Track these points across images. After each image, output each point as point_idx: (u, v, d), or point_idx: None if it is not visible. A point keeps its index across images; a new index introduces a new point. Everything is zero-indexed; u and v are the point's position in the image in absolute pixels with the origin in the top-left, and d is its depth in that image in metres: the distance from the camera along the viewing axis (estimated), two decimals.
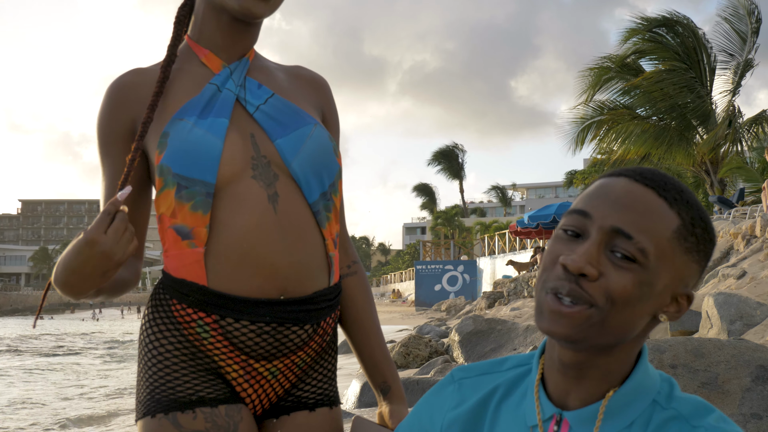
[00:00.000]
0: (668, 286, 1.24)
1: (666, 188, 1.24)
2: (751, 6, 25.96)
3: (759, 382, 4.31)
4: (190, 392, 1.69)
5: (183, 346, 1.72)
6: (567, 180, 69.81)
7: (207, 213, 1.68)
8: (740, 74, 26.59)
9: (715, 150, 26.46)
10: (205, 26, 1.82)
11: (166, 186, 1.68)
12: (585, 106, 28.40)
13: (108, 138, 1.78)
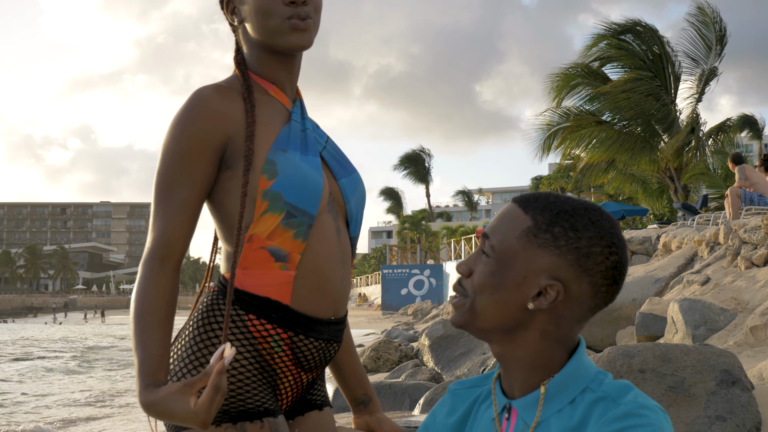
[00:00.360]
0: (525, 276, 1.43)
1: (528, 200, 1.49)
2: (716, 16, 26.37)
3: (723, 386, 4.49)
4: (258, 404, 1.82)
5: (255, 360, 1.85)
6: (533, 185, 70.29)
7: (305, 242, 1.85)
8: (704, 82, 27.01)
9: (680, 157, 26.85)
10: (261, 64, 1.97)
11: (272, 211, 1.82)
12: (552, 113, 28.70)
13: (196, 147, 1.84)
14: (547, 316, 1.44)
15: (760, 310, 7.85)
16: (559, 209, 1.45)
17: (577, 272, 1.43)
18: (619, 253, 1.45)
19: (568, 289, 1.43)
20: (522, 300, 1.44)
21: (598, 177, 30.84)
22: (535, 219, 1.45)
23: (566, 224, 1.44)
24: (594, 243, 1.42)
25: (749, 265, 10.20)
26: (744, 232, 10.77)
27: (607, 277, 1.44)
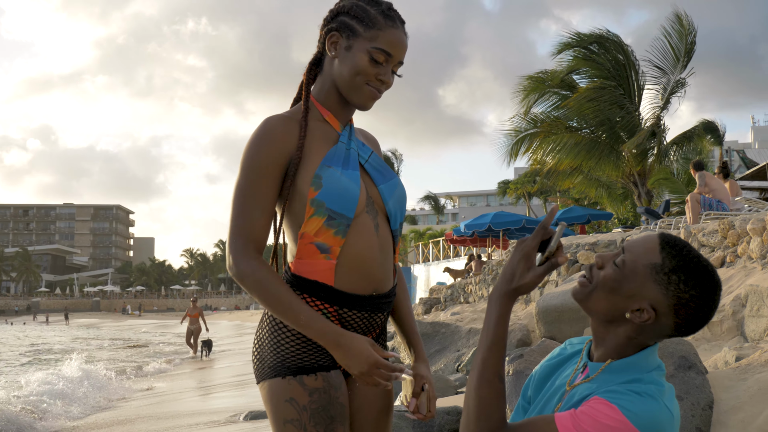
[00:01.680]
0: (634, 295, 1.94)
1: (668, 243, 1.97)
2: (690, 27, 27.01)
3: (680, 369, 5.11)
4: (313, 361, 2.41)
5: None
6: (501, 189, 70.96)
7: (343, 238, 2.42)
8: (670, 92, 27.71)
9: (642, 162, 27.56)
10: (329, 97, 2.53)
11: (317, 215, 2.40)
12: (519, 119, 29.30)
13: (267, 165, 2.41)
14: (635, 327, 1.98)
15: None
16: (684, 262, 1.93)
17: (671, 312, 1.95)
18: (707, 313, 1.97)
19: (658, 318, 1.94)
20: (624, 308, 1.97)
21: (563, 182, 31.54)
22: (663, 260, 1.93)
23: (682, 276, 1.91)
24: (693, 299, 1.93)
25: None
26: (702, 235, 11.42)
27: (688, 323, 1.97)
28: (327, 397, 2.38)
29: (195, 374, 19.40)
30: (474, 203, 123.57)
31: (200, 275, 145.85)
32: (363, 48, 2.43)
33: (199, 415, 10.68)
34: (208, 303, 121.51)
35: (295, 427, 2.35)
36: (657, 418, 1.84)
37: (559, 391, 2.10)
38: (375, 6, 2.46)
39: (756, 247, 9.95)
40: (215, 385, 15.68)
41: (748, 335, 7.70)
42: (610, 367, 1.99)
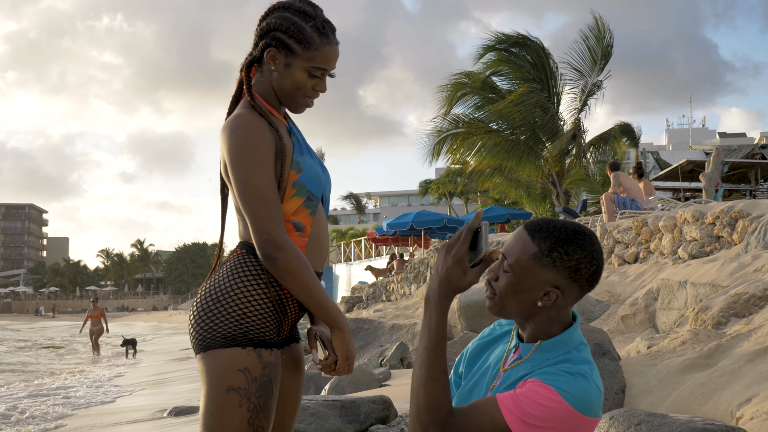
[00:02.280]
0: (534, 286, 2.12)
1: (534, 229, 2.19)
2: (606, 31, 27.71)
3: (596, 356, 5.39)
4: (271, 336, 2.57)
5: (275, 303, 2.59)
6: (422, 189, 71.43)
7: (314, 218, 2.64)
8: (587, 94, 28.39)
9: (561, 162, 28.18)
10: (269, 97, 2.70)
11: (297, 195, 2.59)
12: (441, 119, 29.68)
13: (267, 151, 2.56)
14: (550, 308, 2.20)
15: (629, 301, 8.84)
16: (556, 238, 2.16)
17: (570, 281, 2.17)
18: (597, 264, 2.20)
19: (564, 292, 2.13)
20: (533, 300, 2.15)
21: (484, 182, 32.03)
22: (539, 246, 2.13)
23: (561, 250, 2.12)
24: (580, 261, 2.16)
25: (622, 262, 11.26)
26: (617, 232, 11.84)
27: (589, 280, 2.20)
28: (274, 372, 2.55)
29: (115, 373, 19.26)
30: (395, 203, 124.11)
31: (117, 276, 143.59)
32: (301, 67, 2.61)
33: (122, 413, 10.69)
34: (125, 304, 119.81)
35: (240, 395, 2.48)
36: (589, 396, 2.04)
37: (491, 370, 2.30)
38: (309, 21, 2.61)
39: (667, 243, 10.37)
40: (136, 384, 15.63)
41: (659, 327, 8.04)
42: (541, 346, 2.19)
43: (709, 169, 18.98)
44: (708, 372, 5.09)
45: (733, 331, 5.84)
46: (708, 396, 4.78)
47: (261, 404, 2.51)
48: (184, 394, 12.29)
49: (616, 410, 3.30)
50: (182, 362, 20.37)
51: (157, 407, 10.54)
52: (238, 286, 2.56)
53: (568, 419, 2.01)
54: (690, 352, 5.58)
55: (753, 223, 9.07)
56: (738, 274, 7.70)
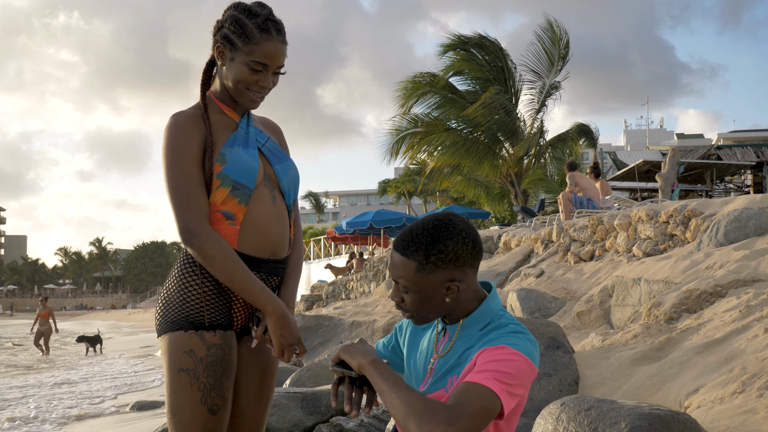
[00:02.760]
0: (435, 289, 2.29)
1: (404, 248, 2.33)
2: (562, 33, 28.03)
3: (550, 349, 5.53)
4: (213, 319, 2.72)
5: (214, 288, 2.73)
6: (381, 188, 71.62)
7: (246, 206, 2.76)
8: (545, 95, 28.69)
9: (520, 163, 28.46)
10: (224, 95, 2.86)
11: (223, 186, 2.72)
12: (400, 118, 29.84)
13: (190, 145, 2.71)
14: (458, 294, 2.35)
15: (585, 298, 9.01)
16: (425, 245, 2.31)
17: (459, 269, 2.33)
18: (471, 239, 2.36)
19: (461, 280, 2.33)
20: (441, 300, 2.32)
21: (443, 181, 32.25)
22: (416, 260, 2.28)
23: (435, 252, 2.27)
24: (456, 250, 2.31)
25: (578, 259, 11.45)
26: (573, 231, 12.02)
27: (473, 255, 2.35)
28: (221, 353, 2.70)
29: (75, 370, 19.17)
30: (354, 202, 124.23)
31: (75, 274, 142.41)
32: (242, 60, 2.76)
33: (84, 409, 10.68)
34: (83, 302, 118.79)
35: (189, 375, 2.64)
36: (531, 347, 2.22)
37: (425, 355, 2.47)
38: (252, 18, 2.76)
39: (622, 241, 10.56)
40: (96, 379, 15.57)
41: (614, 323, 8.20)
42: (464, 324, 2.36)
43: (665, 170, 19.29)
44: (658, 364, 5.24)
45: (683, 325, 6.00)
46: (658, 387, 4.93)
47: (211, 383, 2.67)
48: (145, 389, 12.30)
49: (567, 397, 3.43)
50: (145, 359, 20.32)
51: (120, 402, 10.56)
52: (181, 275, 2.75)
53: (527, 371, 2.17)
54: (641, 345, 5.74)
55: (705, 221, 9.28)
56: (690, 272, 7.88)
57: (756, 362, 4.51)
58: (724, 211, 9.00)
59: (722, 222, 8.64)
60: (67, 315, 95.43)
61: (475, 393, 2.10)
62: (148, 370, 16.48)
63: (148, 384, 13.53)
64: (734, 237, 8.45)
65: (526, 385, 2.21)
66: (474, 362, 2.22)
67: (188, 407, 2.65)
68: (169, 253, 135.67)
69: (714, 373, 4.72)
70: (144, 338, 33.10)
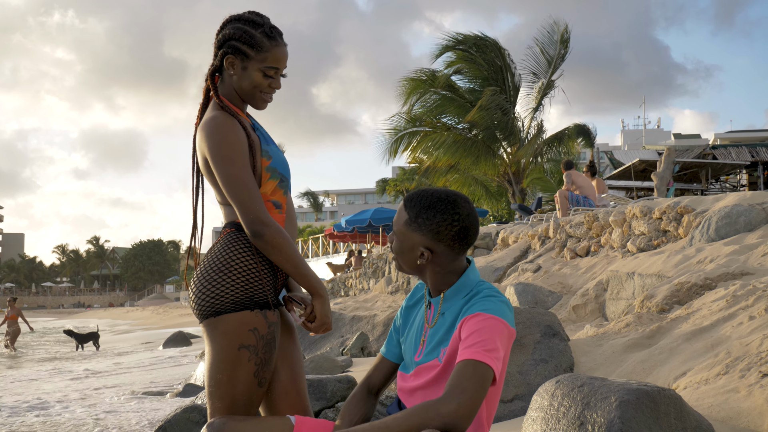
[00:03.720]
0: (411, 247, 2.61)
1: (407, 200, 2.66)
2: (566, 35, 28.28)
3: (546, 337, 5.80)
4: (272, 298, 2.96)
5: (269, 268, 2.98)
6: (380, 187, 71.79)
7: (287, 196, 3.09)
8: (542, 94, 28.95)
9: (518, 162, 28.71)
10: (234, 99, 3.10)
11: (272, 178, 3.01)
12: (399, 117, 30.07)
13: (244, 147, 2.94)
14: (431, 265, 2.65)
15: (580, 292, 9.29)
16: (421, 206, 2.61)
17: (435, 242, 2.62)
18: (460, 224, 2.62)
19: (433, 251, 2.62)
20: (414, 259, 2.62)
21: (441, 180, 32.49)
22: (408, 214, 2.60)
23: (424, 215, 2.57)
24: (440, 222, 2.59)
25: (574, 255, 11.72)
26: (570, 227, 12.30)
27: (456, 239, 2.62)
28: (276, 330, 2.95)
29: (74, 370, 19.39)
30: (352, 201, 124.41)
31: (73, 272, 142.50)
32: (256, 68, 3.04)
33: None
34: (81, 300, 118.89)
35: (250, 351, 2.86)
36: (503, 308, 2.50)
37: (418, 327, 2.74)
38: (258, 28, 3.03)
39: (617, 237, 10.84)
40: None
41: (608, 316, 8.48)
42: (446, 295, 2.64)
43: (661, 169, 19.54)
44: (649, 350, 5.52)
45: (674, 315, 6.28)
46: (648, 371, 5.20)
47: (266, 359, 2.91)
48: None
49: (561, 375, 3.69)
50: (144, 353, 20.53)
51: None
52: (238, 257, 2.94)
53: (504, 331, 2.44)
54: (633, 333, 6.01)
55: (697, 218, 9.56)
56: (682, 266, 8.15)
57: (740, 347, 4.79)
58: (716, 208, 9.27)
59: (713, 218, 8.92)
60: (65, 313, 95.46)
61: (468, 369, 2.35)
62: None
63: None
64: (725, 233, 8.73)
65: (506, 344, 2.46)
66: (459, 332, 2.48)
67: (243, 381, 2.86)
68: (167, 251, 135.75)
69: (701, 357, 4.99)
70: (141, 335, 33.25)
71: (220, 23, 3.12)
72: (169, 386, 11.33)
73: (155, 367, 15.70)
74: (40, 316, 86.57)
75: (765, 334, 4.80)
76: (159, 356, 18.21)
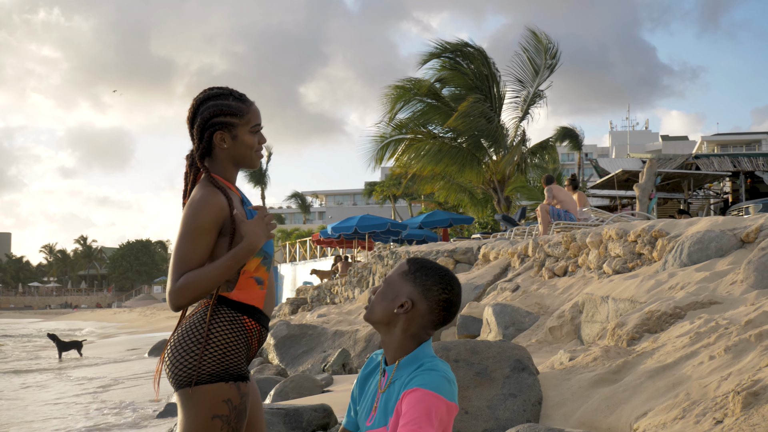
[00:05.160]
0: (396, 295, 2.69)
1: (414, 259, 2.78)
2: (549, 45, 28.44)
3: (515, 371, 5.97)
4: (244, 371, 3.12)
5: (245, 343, 3.13)
6: (367, 189, 71.87)
7: (269, 272, 3.21)
8: (529, 103, 29.13)
9: (502, 170, 28.89)
10: (227, 173, 3.25)
11: (257, 256, 3.14)
12: (385, 125, 30.19)
13: (206, 228, 3.06)
14: (404, 319, 2.74)
15: (557, 314, 9.46)
16: (423, 266, 2.76)
17: (422, 297, 2.74)
18: (449, 294, 2.75)
19: (415, 305, 2.73)
20: (393, 308, 2.69)
21: (426, 186, 32.67)
22: (409, 267, 2.72)
23: (424, 272, 2.72)
24: (433, 284, 2.73)
25: (552, 275, 11.90)
26: (548, 246, 12.48)
27: (439, 305, 2.75)
28: (247, 400, 3.11)
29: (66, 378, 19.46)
30: (341, 202, 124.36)
31: (60, 272, 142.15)
32: (245, 131, 3.22)
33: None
34: (68, 300, 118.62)
35: (222, 421, 3.02)
36: (442, 382, 2.58)
37: (371, 394, 2.84)
38: (229, 98, 3.23)
39: (594, 258, 11.02)
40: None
41: (584, 339, 8.65)
42: (400, 364, 2.73)
43: (643, 180, 19.75)
44: (614, 387, 5.69)
45: (640, 348, 6.45)
46: (612, 409, 5.37)
47: (237, 428, 3.07)
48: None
49: (520, 425, 3.85)
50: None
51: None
52: (216, 329, 3.09)
53: (441, 407, 2.53)
54: (600, 368, 6.18)
55: (671, 242, 9.74)
56: (654, 291, 8.32)
57: (699, 388, 4.96)
58: (688, 233, 9.46)
59: (686, 243, 9.10)
60: (52, 314, 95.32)
61: None
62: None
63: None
64: (697, 258, 8.91)
65: (445, 419, 2.55)
66: (400, 405, 2.60)
67: None
68: (154, 251, 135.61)
69: (662, 397, 5.16)
70: (126, 340, 33.27)
71: (189, 110, 3.27)
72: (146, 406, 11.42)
73: (142, 378, 15.78)
74: (27, 316, 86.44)
75: (722, 376, 4.98)
76: (144, 370, 18.26)
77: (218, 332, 3.09)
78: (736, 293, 7.36)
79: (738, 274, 7.73)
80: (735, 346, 5.38)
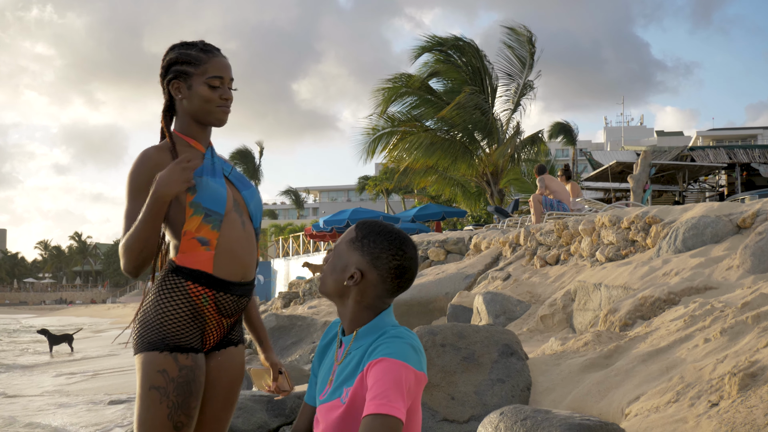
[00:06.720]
0: (345, 265, 2.47)
1: (362, 223, 2.55)
2: (529, 34, 28.41)
3: (504, 356, 5.76)
4: (188, 342, 2.93)
5: (191, 312, 2.93)
6: (360, 185, 71.70)
7: (218, 232, 2.96)
8: (520, 94, 29.01)
9: (496, 163, 28.75)
10: (190, 128, 3.08)
11: (196, 213, 2.93)
12: (377, 118, 30.06)
13: (141, 186, 2.92)
14: (356, 290, 2.52)
15: (548, 302, 9.27)
16: (371, 230, 2.53)
17: (371, 266, 2.50)
18: (400, 260, 2.53)
19: (364, 275, 2.50)
20: (342, 280, 2.47)
21: (419, 180, 32.50)
22: (356, 233, 2.49)
23: (371, 238, 2.49)
24: (383, 249, 2.50)
25: (543, 263, 11.70)
26: (540, 235, 12.28)
27: (391, 273, 2.52)
28: (192, 374, 2.91)
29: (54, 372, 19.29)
30: (335, 198, 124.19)
31: (54, 268, 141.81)
32: (200, 82, 3.03)
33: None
34: (63, 296, 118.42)
35: (160, 393, 2.85)
36: (408, 351, 2.36)
37: (328, 366, 2.62)
38: (193, 48, 3.07)
39: (586, 246, 10.82)
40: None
41: (576, 327, 8.46)
42: (358, 334, 2.52)
43: (637, 171, 19.59)
44: (605, 371, 5.49)
45: (633, 333, 6.25)
46: (603, 394, 5.17)
47: (179, 402, 2.87)
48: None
49: (506, 407, 3.66)
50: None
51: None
52: (160, 299, 2.94)
53: (405, 373, 2.31)
54: (591, 352, 5.98)
55: (665, 228, 9.54)
56: (648, 278, 8.13)
57: (693, 372, 4.76)
58: (683, 219, 9.26)
59: (681, 229, 8.90)
60: (47, 309, 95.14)
61: (376, 424, 2.25)
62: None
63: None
64: (692, 244, 8.71)
65: (414, 388, 2.35)
66: (364, 375, 2.39)
67: (155, 423, 2.85)
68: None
69: (655, 381, 4.96)
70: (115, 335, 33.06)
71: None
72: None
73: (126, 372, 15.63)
74: (22, 312, 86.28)
75: (718, 358, 4.78)
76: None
77: (160, 300, 2.95)
78: (732, 278, 7.17)
79: (734, 259, 7.54)
80: (731, 329, 5.18)
